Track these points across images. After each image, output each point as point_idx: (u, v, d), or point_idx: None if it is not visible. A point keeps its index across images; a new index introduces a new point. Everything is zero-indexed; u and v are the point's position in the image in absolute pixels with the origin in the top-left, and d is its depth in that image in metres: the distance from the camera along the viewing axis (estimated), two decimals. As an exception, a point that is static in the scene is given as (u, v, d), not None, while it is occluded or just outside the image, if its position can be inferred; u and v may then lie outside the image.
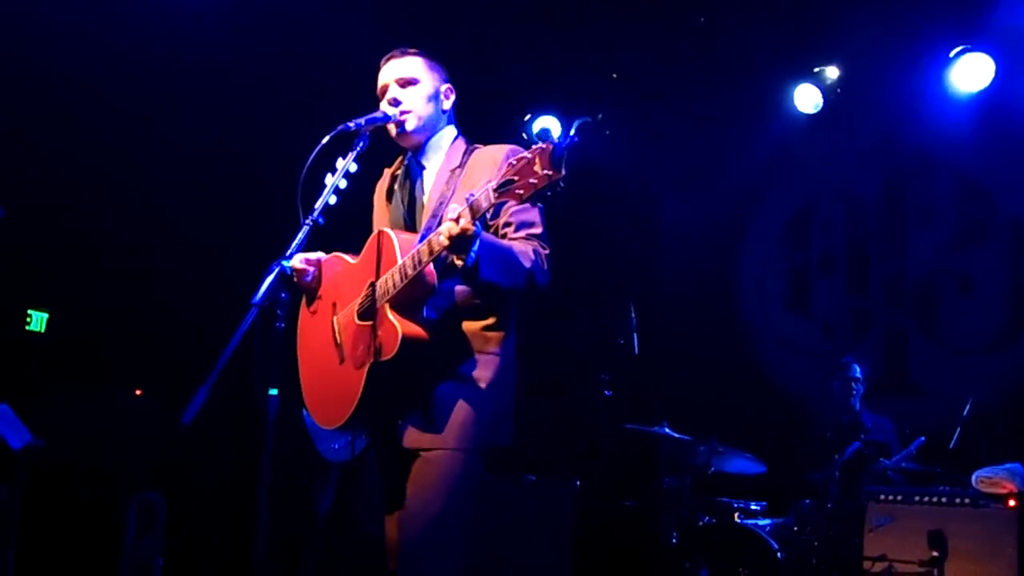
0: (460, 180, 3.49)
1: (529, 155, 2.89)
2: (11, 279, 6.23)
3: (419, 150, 3.65)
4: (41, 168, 6.37)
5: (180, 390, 3.24)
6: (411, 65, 3.61)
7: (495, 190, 2.94)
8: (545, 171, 2.85)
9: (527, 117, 8.17)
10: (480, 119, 3.83)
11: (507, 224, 3.41)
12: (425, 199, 3.56)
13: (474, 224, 3.00)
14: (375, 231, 3.48)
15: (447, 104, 3.66)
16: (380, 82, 3.64)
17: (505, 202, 3.00)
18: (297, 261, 3.54)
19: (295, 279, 3.55)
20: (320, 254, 3.65)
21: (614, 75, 7.92)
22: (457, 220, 3.00)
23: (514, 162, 2.91)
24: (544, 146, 2.86)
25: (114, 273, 6.64)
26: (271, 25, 6.67)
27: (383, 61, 3.66)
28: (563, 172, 2.84)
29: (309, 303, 3.71)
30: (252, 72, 6.75)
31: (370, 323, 3.30)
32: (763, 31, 7.29)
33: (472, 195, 3.01)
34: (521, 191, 2.89)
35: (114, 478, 5.99)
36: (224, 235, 6.78)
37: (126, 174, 6.66)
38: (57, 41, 6.21)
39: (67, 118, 6.39)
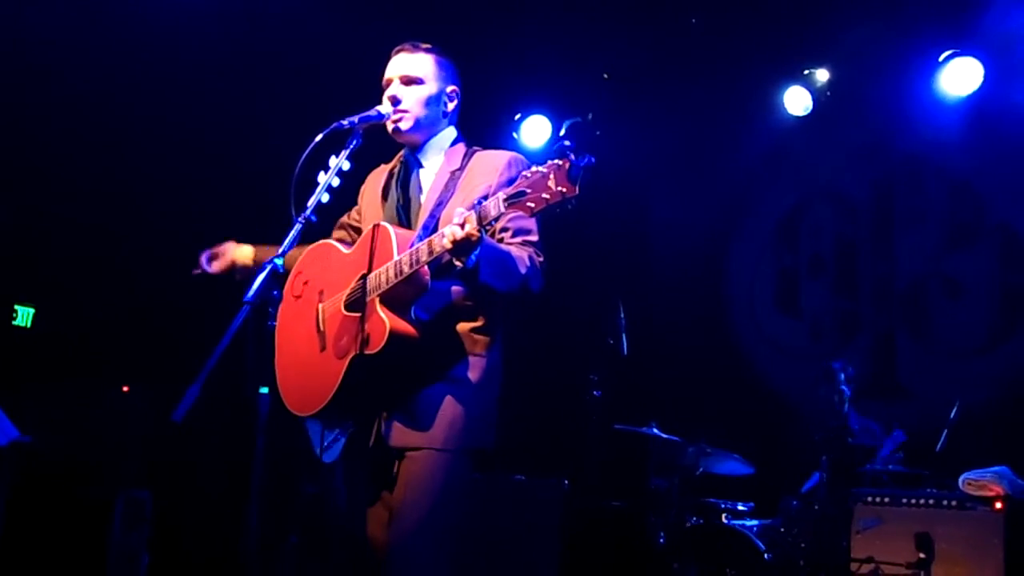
0: (460, 183, 3.49)
1: (544, 169, 2.88)
2: (-3, 273, 6.20)
3: (418, 148, 3.64)
4: (29, 163, 6.33)
5: (169, 387, 3.23)
6: (419, 63, 3.60)
7: (505, 200, 2.93)
8: (559, 187, 2.84)
9: (517, 116, 8.17)
10: (470, 118, 3.82)
11: (504, 229, 3.42)
12: (422, 198, 3.56)
13: (479, 231, 3.00)
14: (370, 225, 3.47)
15: (450, 107, 3.66)
16: (387, 74, 3.62)
17: None
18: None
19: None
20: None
21: (605, 75, 7.93)
22: (463, 225, 3.00)
23: (528, 175, 2.90)
24: (560, 162, 2.85)
25: (102, 268, 6.61)
26: (265, 22, 6.65)
27: (393, 52, 3.64)
28: (577, 190, 2.84)
29: (295, 287, 3.70)
30: (246, 68, 6.73)
31: (357, 315, 3.30)
32: (753, 33, 7.31)
33: (480, 202, 3.00)
34: (532, 204, 2.88)
35: (101, 475, 5.96)
36: (217, 232, 6.74)
37: (116, 169, 6.63)
38: (47, 34, 6.18)
39: (56, 113, 6.35)
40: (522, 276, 3.29)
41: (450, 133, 3.69)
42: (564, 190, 2.84)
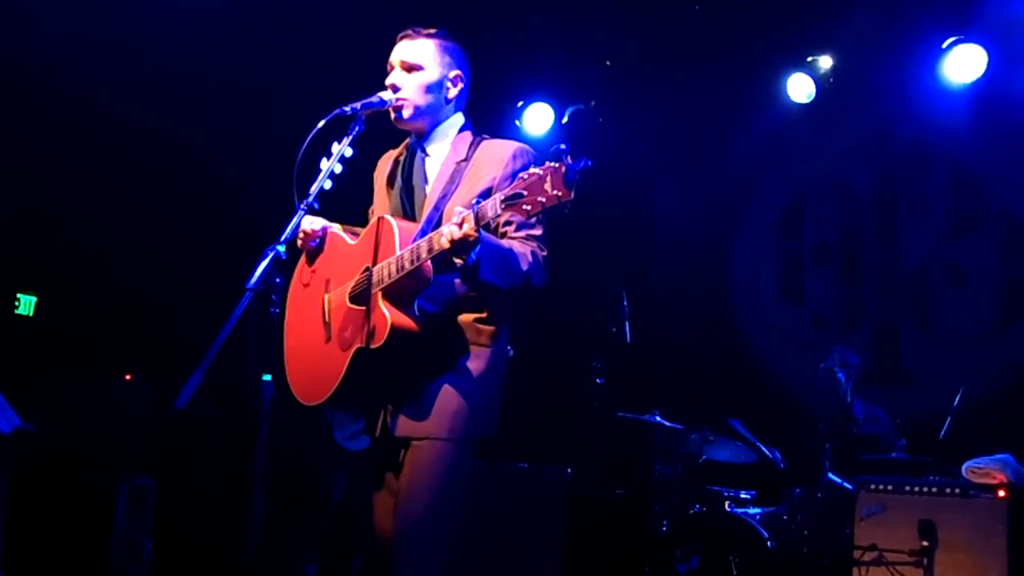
0: (465, 174, 3.48)
1: (541, 172, 2.88)
2: (-1, 262, 6.20)
3: (424, 135, 3.63)
4: (34, 152, 6.33)
5: (172, 375, 3.23)
6: (420, 49, 3.58)
7: (502, 202, 2.94)
8: (555, 191, 2.85)
9: (520, 104, 8.15)
10: (473, 105, 3.80)
11: (508, 223, 3.42)
12: (428, 189, 3.55)
13: (477, 231, 3.00)
14: (375, 217, 3.47)
15: (452, 93, 3.62)
16: (390, 59, 3.61)
17: None
18: (307, 224, 3.57)
19: (299, 243, 3.59)
20: (325, 223, 3.65)
21: (608, 63, 7.91)
22: (460, 225, 3.00)
23: (525, 176, 2.91)
24: (557, 166, 2.86)
25: (105, 256, 6.61)
26: (264, 9, 6.63)
27: (398, 38, 3.63)
28: (572, 195, 2.85)
29: (303, 275, 3.71)
30: (247, 55, 6.71)
31: (362, 308, 3.32)
32: (756, 20, 7.28)
33: (478, 202, 3.01)
34: (528, 207, 2.89)
35: (104, 463, 5.97)
36: (219, 219, 6.75)
37: (118, 157, 6.62)
38: (48, 27, 6.16)
39: (60, 104, 6.34)
40: (524, 273, 3.30)
41: (456, 120, 3.66)
42: (560, 194, 2.85)
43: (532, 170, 2.91)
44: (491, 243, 3.19)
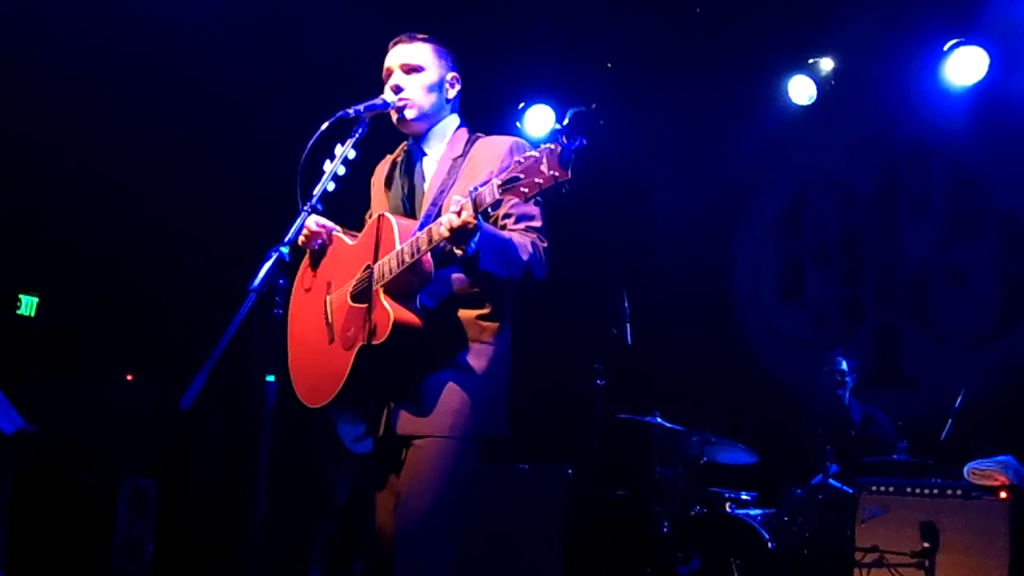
0: (462, 170, 3.49)
1: (537, 154, 2.90)
2: (1, 263, 6.19)
3: (421, 137, 3.64)
4: (31, 152, 6.33)
5: (173, 376, 3.23)
6: (417, 52, 3.59)
7: (500, 186, 2.94)
8: (552, 172, 2.86)
9: (521, 106, 8.15)
10: (474, 107, 3.81)
11: (507, 215, 3.42)
12: (426, 186, 3.56)
13: (476, 218, 3.00)
14: (375, 215, 3.48)
15: (451, 93, 3.65)
16: (386, 65, 3.62)
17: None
18: (312, 223, 3.56)
19: (302, 240, 3.58)
20: (333, 225, 3.65)
21: (609, 64, 7.91)
22: (459, 213, 3.00)
23: (521, 160, 2.92)
24: (552, 147, 2.87)
25: (106, 257, 6.61)
26: (267, 12, 6.63)
27: (391, 44, 3.64)
28: (569, 174, 2.86)
29: (304, 280, 3.71)
30: (250, 57, 6.71)
31: (363, 306, 3.31)
32: (758, 21, 7.29)
33: (476, 189, 3.01)
34: (526, 189, 2.90)
35: (105, 463, 5.97)
36: (222, 220, 6.76)
37: (120, 158, 6.62)
38: (50, 25, 6.17)
39: (55, 101, 6.34)
40: (524, 263, 3.29)
41: (453, 120, 3.68)
42: (556, 174, 2.86)
43: (528, 153, 2.92)
44: (490, 232, 3.19)
